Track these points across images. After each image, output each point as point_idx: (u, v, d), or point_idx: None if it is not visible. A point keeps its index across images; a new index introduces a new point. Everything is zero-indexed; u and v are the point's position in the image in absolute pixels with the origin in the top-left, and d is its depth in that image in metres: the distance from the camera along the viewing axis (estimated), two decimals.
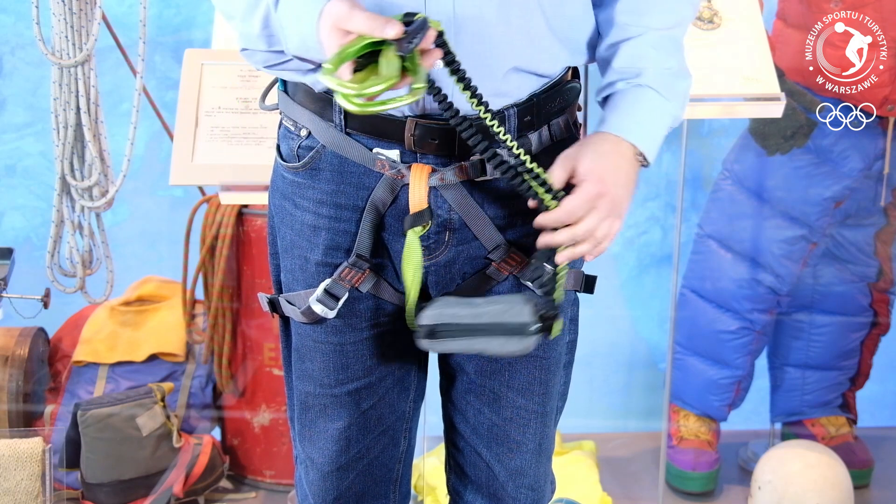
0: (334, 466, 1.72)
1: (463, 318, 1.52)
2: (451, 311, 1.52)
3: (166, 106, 3.18)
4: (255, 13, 1.48)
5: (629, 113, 1.54)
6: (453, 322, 1.52)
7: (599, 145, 1.51)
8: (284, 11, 1.44)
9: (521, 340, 1.50)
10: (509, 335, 1.50)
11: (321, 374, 1.67)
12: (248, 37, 1.52)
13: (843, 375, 3.23)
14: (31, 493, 2.52)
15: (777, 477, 2.87)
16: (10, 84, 3.48)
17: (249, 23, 1.49)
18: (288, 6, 1.44)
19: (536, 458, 1.73)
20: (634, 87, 1.55)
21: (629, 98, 1.55)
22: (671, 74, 1.57)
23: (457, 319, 1.52)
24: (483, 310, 1.51)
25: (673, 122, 1.58)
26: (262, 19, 1.47)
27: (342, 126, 1.56)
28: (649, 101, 1.55)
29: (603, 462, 3.17)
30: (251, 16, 1.48)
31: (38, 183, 3.51)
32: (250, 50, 1.55)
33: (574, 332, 1.77)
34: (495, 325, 1.50)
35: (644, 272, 3.67)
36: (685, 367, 3.17)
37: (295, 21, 1.43)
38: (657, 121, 1.56)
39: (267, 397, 3.03)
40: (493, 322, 1.50)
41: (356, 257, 1.59)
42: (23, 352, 2.96)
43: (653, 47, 1.56)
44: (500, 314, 1.50)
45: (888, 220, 3.08)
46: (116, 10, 3.26)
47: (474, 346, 1.52)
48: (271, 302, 1.69)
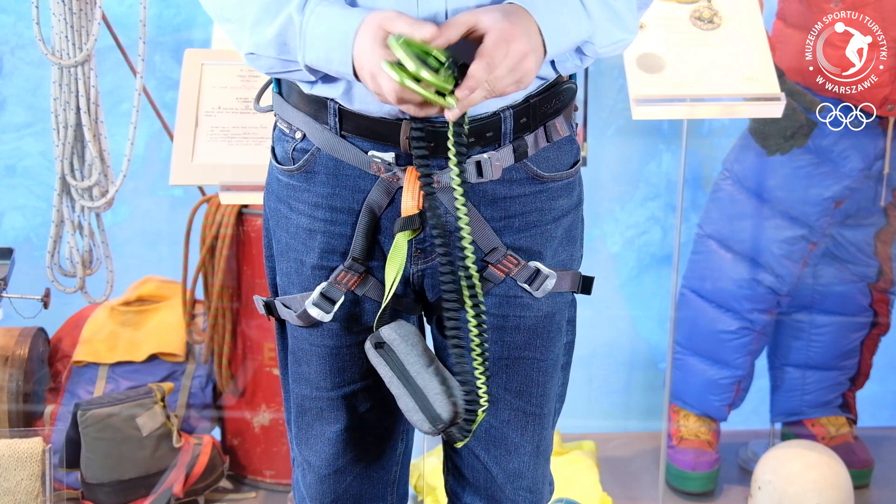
0: (331, 469, 1.72)
1: (408, 361, 1.55)
2: (406, 347, 1.55)
3: (166, 106, 3.18)
4: (273, 21, 1.47)
5: (551, 8, 1.47)
6: (398, 356, 1.55)
7: (508, 9, 1.43)
8: (313, 22, 1.44)
9: (426, 424, 1.53)
10: (423, 411, 1.53)
11: (317, 378, 1.67)
12: (257, 43, 1.51)
13: (843, 375, 3.23)
14: (31, 493, 2.52)
15: (777, 477, 2.87)
16: (10, 84, 3.48)
17: (262, 30, 1.49)
18: (318, 18, 1.44)
19: (534, 460, 1.73)
20: None
21: None
22: (603, 4, 1.52)
23: (402, 357, 1.55)
24: (426, 373, 1.54)
25: (583, 38, 1.51)
26: (280, 27, 1.47)
27: (337, 128, 1.56)
28: (571, 8, 1.49)
29: (603, 462, 3.17)
30: (266, 23, 1.48)
31: (38, 183, 3.51)
32: (256, 55, 1.53)
33: (572, 334, 1.77)
34: (422, 393, 1.53)
35: (644, 272, 3.66)
36: (685, 367, 3.17)
37: (322, 34, 1.44)
38: (570, 25, 1.48)
39: (267, 397, 3.03)
40: (422, 389, 1.54)
41: (352, 260, 1.59)
42: (23, 352, 2.96)
43: None
44: (433, 390, 1.53)
45: (888, 220, 3.08)
46: (116, 10, 3.26)
47: (394, 388, 1.56)
48: (267, 305, 1.69)
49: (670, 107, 2.65)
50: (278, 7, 1.47)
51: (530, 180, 1.59)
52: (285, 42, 1.48)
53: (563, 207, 1.64)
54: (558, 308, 1.67)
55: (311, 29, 1.45)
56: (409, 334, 1.56)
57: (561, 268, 1.66)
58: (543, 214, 1.61)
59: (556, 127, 1.60)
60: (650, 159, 3.61)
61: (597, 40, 1.53)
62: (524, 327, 1.64)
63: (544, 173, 1.60)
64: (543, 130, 1.59)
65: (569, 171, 1.64)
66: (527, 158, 1.58)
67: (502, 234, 1.60)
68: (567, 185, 1.64)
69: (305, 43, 1.46)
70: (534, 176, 1.59)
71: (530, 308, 1.64)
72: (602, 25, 1.52)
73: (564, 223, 1.65)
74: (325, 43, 1.44)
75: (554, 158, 1.61)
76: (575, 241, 1.69)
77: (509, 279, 1.62)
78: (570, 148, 1.64)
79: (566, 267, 1.67)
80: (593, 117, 3.33)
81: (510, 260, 1.60)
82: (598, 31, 1.52)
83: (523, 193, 1.59)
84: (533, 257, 1.62)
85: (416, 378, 1.54)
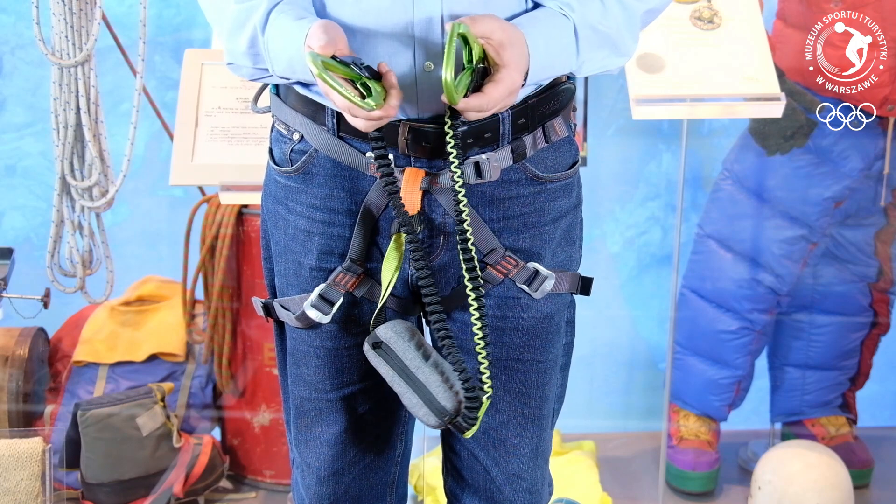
0: (330, 471, 1.72)
1: (407, 357, 1.54)
2: (404, 344, 1.55)
3: (166, 106, 3.18)
4: (242, 33, 1.51)
5: (546, 38, 1.50)
6: (397, 354, 1.55)
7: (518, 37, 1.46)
8: (272, 35, 1.48)
9: (432, 417, 1.52)
10: (428, 405, 1.52)
11: (316, 379, 1.67)
12: (233, 53, 1.56)
13: (843, 375, 3.23)
14: (31, 493, 2.53)
15: (777, 477, 2.87)
16: (10, 84, 3.48)
17: (236, 41, 1.53)
18: (275, 31, 1.48)
19: (534, 461, 1.73)
20: (559, 15, 1.51)
21: (551, 20, 1.51)
22: (597, 33, 1.54)
23: (401, 354, 1.55)
24: (426, 367, 1.53)
25: (565, 72, 1.55)
26: (249, 39, 1.51)
27: (335, 130, 1.56)
28: (564, 41, 1.51)
29: (603, 462, 3.17)
30: (238, 35, 1.52)
31: (38, 183, 3.51)
32: (235, 64, 1.58)
33: (571, 335, 1.76)
34: (424, 388, 1.53)
35: (644, 272, 3.66)
36: (685, 367, 3.17)
37: (282, 46, 1.48)
38: (557, 61, 1.52)
39: (267, 397, 3.03)
40: (424, 384, 1.53)
41: (350, 262, 1.59)
42: (23, 352, 2.96)
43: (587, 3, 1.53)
44: (434, 383, 1.53)
45: (888, 220, 3.08)
46: (116, 10, 3.26)
47: (397, 386, 1.55)
48: (265, 306, 1.69)
49: (670, 107, 2.65)
50: (246, 18, 1.51)
51: (529, 181, 1.59)
52: (257, 53, 1.53)
53: (561, 208, 1.64)
54: (557, 309, 1.67)
55: (272, 42, 1.49)
56: (404, 331, 1.56)
57: (560, 269, 1.66)
58: (542, 215, 1.61)
59: (555, 128, 1.60)
60: (650, 159, 3.61)
61: (583, 69, 1.57)
62: (523, 328, 1.64)
63: (543, 174, 1.60)
64: (542, 131, 1.59)
65: (567, 172, 1.64)
66: (525, 159, 1.58)
67: (501, 235, 1.60)
68: (566, 186, 1.64)
69: (270, 55, 1.51)
70: (532, 177, 1.59)
71: (529, 309, 1.64)
72: (592, 55, 1.55)
73: (563, 224, 1.65)
74: (286, 53, 1.49)
75: (552, 159, 1.61)
76: (574, 242, 1.69)
77: (508, 280, 1.62)
78: (569, 149, 1.64)
79: (565, 268, 1.67)
80: (593, 117, 3.33)
81: (509, 261, 1.60)
82: (584, 65, 1.56)
83: (522, 194, 1.59)
84: (532, 258, 1.62)
85: (417, 373, 1.53)
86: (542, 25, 1.50)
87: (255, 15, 1.50)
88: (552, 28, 1.51)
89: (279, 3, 1.50)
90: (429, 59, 1.49)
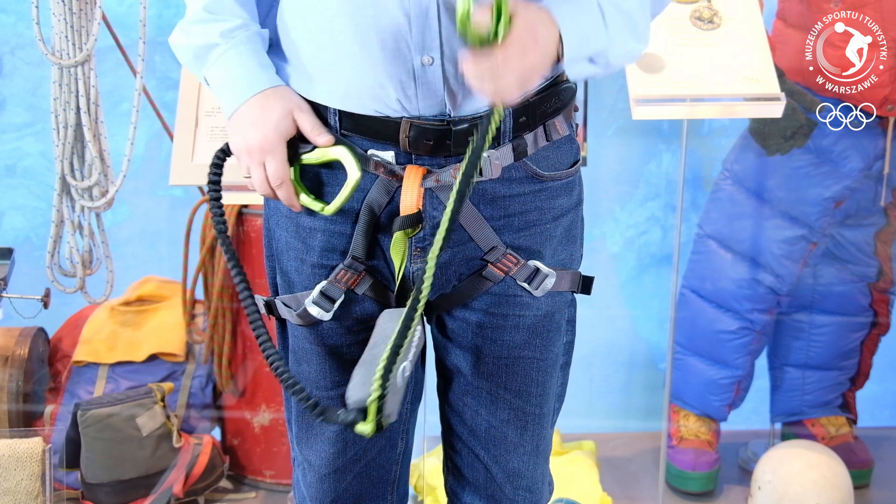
0: (331, 469, 1.72)
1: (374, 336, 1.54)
2: (384, 323, 1.55)
3: (166, 106, 3.18)
4: (198, 74, 1.60)
5: (574, 14, 1.49)
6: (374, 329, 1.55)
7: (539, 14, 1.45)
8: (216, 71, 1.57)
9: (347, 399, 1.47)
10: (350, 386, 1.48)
11: (317, 377, 1.67)
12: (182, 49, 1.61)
13: (843, 375, 3.23)
14: (31, 493, 2.53)
15: (777, 477, 2.87)
16: (10, 84, 3.48)
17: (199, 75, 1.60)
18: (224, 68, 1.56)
19: (534, 460, 1.73)
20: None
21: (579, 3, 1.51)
22: (620, 11, 1.53)
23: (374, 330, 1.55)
24: (373, 353, 1.49)
25: (599, 49, 1.53)
26: (202, 80, 1.59)
27: (337, 127, 1.56)
28: (592, 17, 1.51)
29: (603, 462, 3.17)
30: (193, 68, 1.60)
31: (38, 183, 3.51)
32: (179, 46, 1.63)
33: (571, 334, 1.77)
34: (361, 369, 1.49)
35: (644, 272, 3.66)
36: (685, 367, 3.17)
37: (222, 81, 1.58)
38: (590, 35, 1.51)
39: (267, 397, 3.03)
40: (366, 363, 1.49)
41: (352, 259, 1.59)
42: (23, 352, 2.96)
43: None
44: (365, 371, 1.47)
45: (888, 220, 3.08)
46: (116, 10, 3.26)
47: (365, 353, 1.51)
48: (267, 304, 1.69)
49: (670, 107, 2.66)
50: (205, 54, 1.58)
51: (530, 179, 1.59)
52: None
53: (562, 207, 1.64)
54: (558, 307, 1.67)
55: (213, 77, 1.58)
56: (397, 317, 1.51)
57: (560, 267, 1.66)
58: (543, 213, 1.61)
59: (556, 126, 1.60)
60: (650, 159, 3.61)
61: (611, 51, 1.54)
62: (523, 326, 1.65)
63: (544, 172, 1.60)
64: (543, 129, 1.59)
65: (568, 171, 1.64)
66: (526, 157, 1.58)
67: (501, 233, 1.60)
68: (567, 185, 1.64)
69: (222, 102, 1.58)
70: (533, 175, 1.59)
71: (529, 307, 1.64)
72: (618, 36, 1.54)
73: (564, 222, 1.65)
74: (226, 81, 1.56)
75: (553, 158, 1.61)
76: (574, 240, 1.69)
77: (508, 278, 1.62)
78: (570, 147, 1.64)
79: (565, 266, 1.67)
80: (593, 117, 3.33)
81: (509, 259, 1.60)
82: (613, 42, 1.54)
83: (523, 192, 1.59)
84: (532, 256, 1.62)
85: (367, 352, 1.51)
86: (568, 4, 1.49)
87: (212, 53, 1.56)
88: (577, 5, 1.50)
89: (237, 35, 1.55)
90: (427, 53, 1.49)
